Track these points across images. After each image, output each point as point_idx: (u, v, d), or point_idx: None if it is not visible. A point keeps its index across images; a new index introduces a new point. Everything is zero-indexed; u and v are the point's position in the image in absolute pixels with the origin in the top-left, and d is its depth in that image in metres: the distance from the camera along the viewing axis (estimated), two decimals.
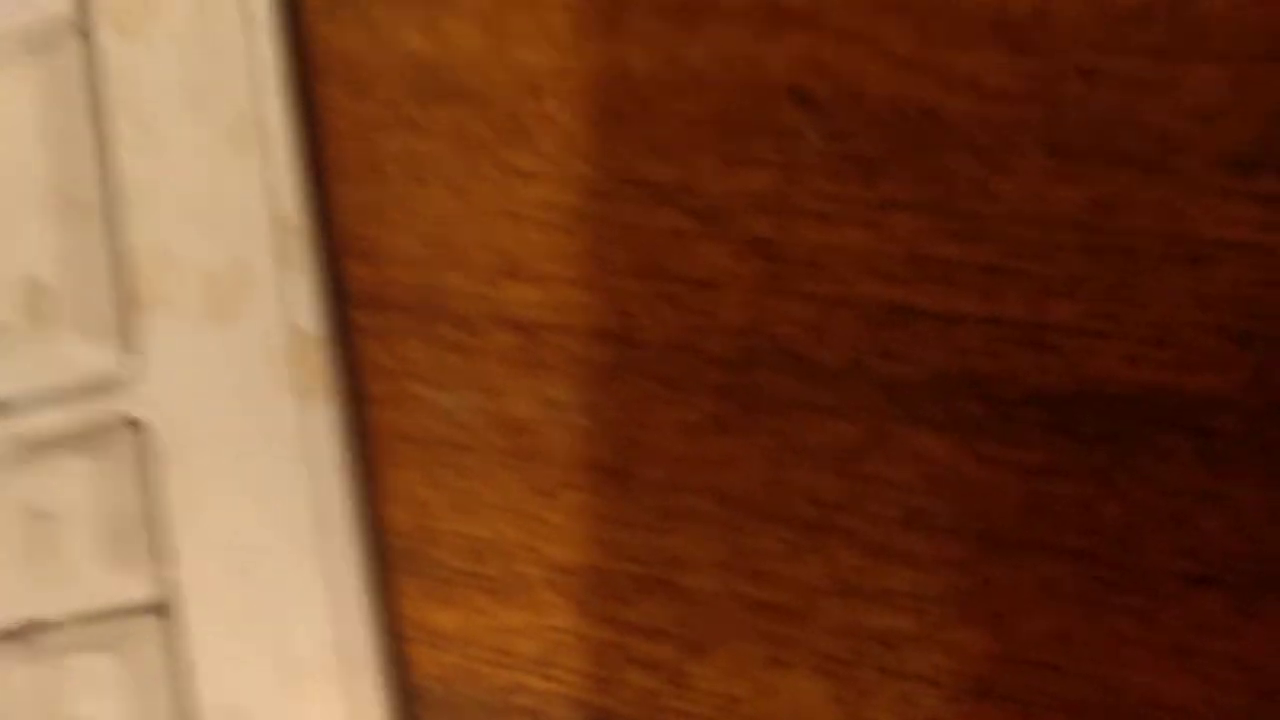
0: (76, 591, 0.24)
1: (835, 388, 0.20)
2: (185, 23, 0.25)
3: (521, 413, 0.23)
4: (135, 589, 0.24)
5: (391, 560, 0.24)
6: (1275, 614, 0.17)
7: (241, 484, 0.24)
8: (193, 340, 0.25)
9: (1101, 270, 0.18)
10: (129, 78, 0.26)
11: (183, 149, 0.25)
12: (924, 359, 0.20)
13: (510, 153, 0.23)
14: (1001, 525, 0.19)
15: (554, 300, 0.23)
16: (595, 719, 0.22)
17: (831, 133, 0.20)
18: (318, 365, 0.24)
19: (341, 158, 0.25)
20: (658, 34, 0.22)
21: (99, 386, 0.25)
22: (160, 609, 0.24)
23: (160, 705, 0.24)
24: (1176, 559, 0.18)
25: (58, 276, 0.25)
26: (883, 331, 0.20)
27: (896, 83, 0.20)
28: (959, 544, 0.19)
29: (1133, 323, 0.18)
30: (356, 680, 0.23)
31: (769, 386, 0.21)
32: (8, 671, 0.24)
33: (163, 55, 0.25)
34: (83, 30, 0.26)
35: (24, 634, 0.25)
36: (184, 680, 0.24)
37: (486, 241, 0.23)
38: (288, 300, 0.24)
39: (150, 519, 0.24)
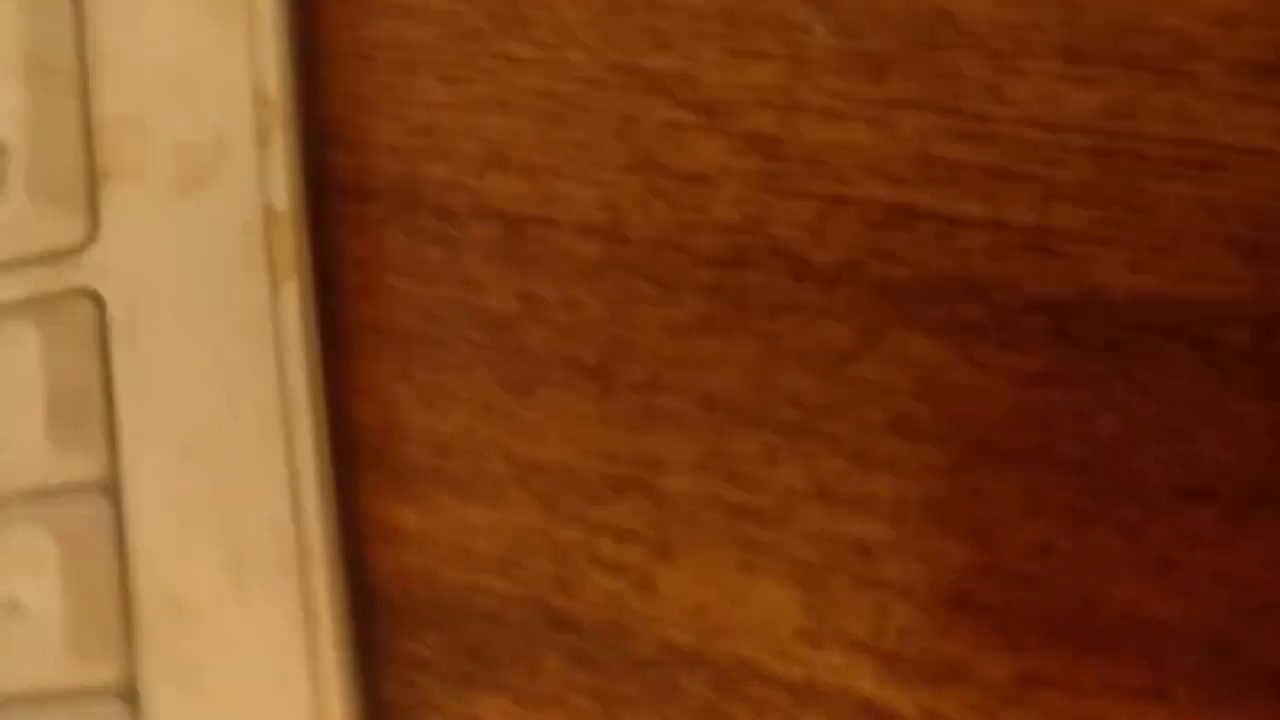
0: (19, 465, 0.23)
1: (829, 289, 0.20)
2: None
3: (500, 307, 0.22)
4: (81, 467, 0.23)
5: (354, 454, 0.23)
6: (1264, 529, 0.17)
7: (201, 363, 0.23)
8: (159, 214, 0.23)
9: (1110, 176, 0.18)
10: None
11: (163, 18, 0.24)
12: (923, 262, 0.19)
13: (505, 41, 0.22)
14: (991, 432, 0.19)
15: (540, 193, 0.22)
16: (555, 622, 0.22)
17: (841, 29, 0.19)
18: (291, 247, 0.23)
19: (329, 42, 0.24)
20: None
21: (57, 256, 0.24)
22: (106, 489, 0.23)
23: (99, 589, 0.23)
24: (1168, 471, 0.17)
25: (22, 141, 0.23)
26: (882, 233, 0.19)
27: None
28: (946, 451, 0.19)
29: (1139, 230, 0.18)
30: (307, 576, 0.22)
31: (760, 287, 0.20)
32: None
33: None
34: None
35: None
36: (125, 565, 0.23)
37: (474, 131, 0.22)
38: (264, 179, 0.23)
39: (102, 395, 0.23)
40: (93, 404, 0.23)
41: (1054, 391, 0.18)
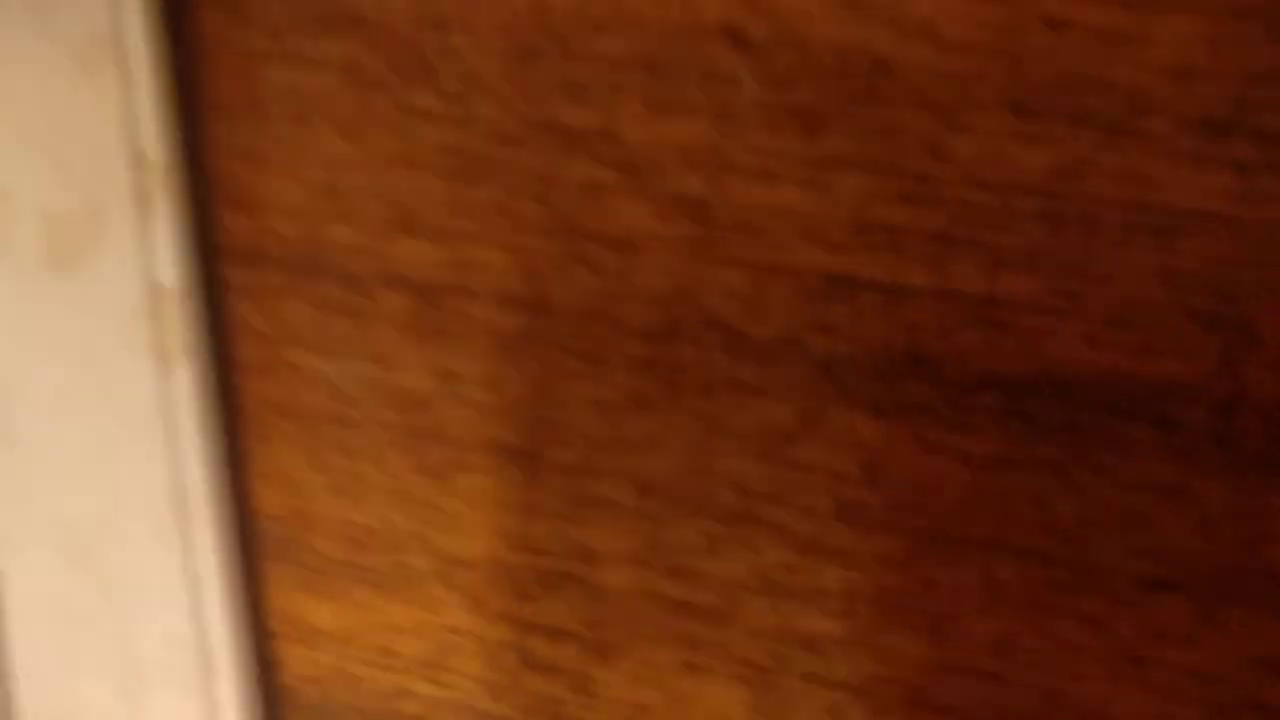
0: None
1: (767, 365, 0.20)
2: None
3: (415, 385, 0.22)
4: None
5: (262, 548, 0.23)
6: (1238, 622, 0.17)
7: (85, 460, 0.22)
8: (29, 296, 0.23)
9: (1062, 242, 0.18)
10: None
11: (22, 69, 0.23)
12: (866, 335, 0.19)
13: (409, 91, 0.22)
14: (945, 520, 0.19)
15: (454, 259, 0.22)
16: None
17: (770, 80, 0.19)
18: (181, 327, 0.22)
19: (217, 92, 0.23)
20: None
21: None
22: None
23: None
24: (1134, 560, 0.18)
25: None
26: (821, 304, 0.19)
27: (844, 27, 0.19)
28: (897, 540, 0.19)
29: (1094, 300, 0.18)
30: (212, 684, 0.22)
31: (694, 362, 0.20)
32: None
33: None
34: None
35: None
36: (5, 686, 0.22)
37: (379, 191, 0.22)
38: (146, 251, 0.22)
39: None
40: None
41: (1010, 476, 0.18)
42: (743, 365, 0.20)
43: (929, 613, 0.19)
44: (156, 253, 0.22)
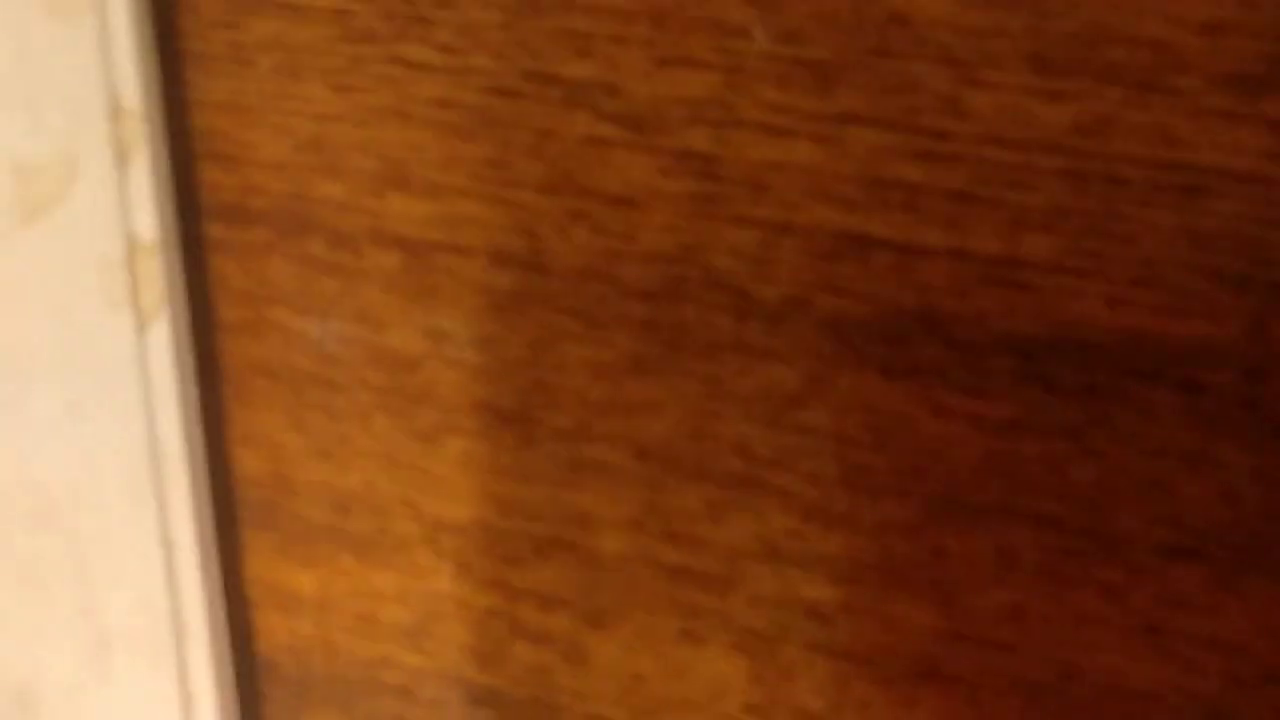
0: None
1: (774, 326, 0.19)
2: None
3: (404, 346, 0.21)
4: None
5: (240, 513, 0.22)
6: (1259, 591, 0.16)
7: (54, 418, 0.21)
8: None
9: (1084, 201, 0.17)
10: None
11: None
12: (878, 296, 0.18)
13: (403, 45, 0.21)
14: (957, 486, 0.18)
15: (447, 215, 0.21)
16: (475, 698, 0.20)
17: (782, 33, 0.18)
18: (159, 281, 0.21)
19: (201, 43, 0.22)
20: None
21: None
22: None
23: None
24: (1153, 528, 0.17)
25: None
26: (832, 264, 0.18)
27: None
28: (907, 506, 0.18)
29: (1117, 261, 0.17)
30: (185, 653, 0.20)
31: (697, 323, 0.19)
32: None
33: None
34: None
35: None
36: None
37: (370, 145, 0.21)
38: (125, 205, 0.21)
39: None
40: None
41: (1025, 441, 0.17)
42: (748, 326, 0.19)
43: (939, 581, 0.18)
44: (133, 205, 0.21)
